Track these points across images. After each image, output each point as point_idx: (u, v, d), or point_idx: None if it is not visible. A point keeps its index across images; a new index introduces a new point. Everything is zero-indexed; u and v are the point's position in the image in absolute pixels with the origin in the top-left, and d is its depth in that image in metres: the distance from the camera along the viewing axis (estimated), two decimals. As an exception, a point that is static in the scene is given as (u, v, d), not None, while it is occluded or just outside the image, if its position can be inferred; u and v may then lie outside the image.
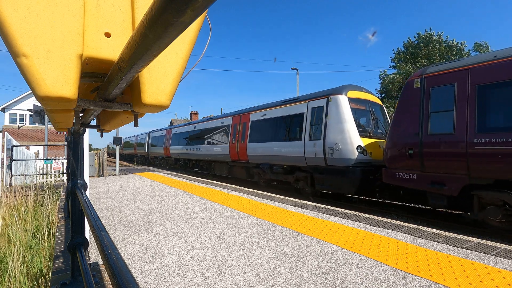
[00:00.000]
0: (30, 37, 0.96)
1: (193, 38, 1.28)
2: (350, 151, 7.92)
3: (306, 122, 9.46)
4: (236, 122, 13.36)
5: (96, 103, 1.37)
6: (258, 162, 11.40)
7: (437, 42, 26.13)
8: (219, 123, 14.91)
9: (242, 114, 13.07)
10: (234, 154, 12.93)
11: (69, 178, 2.47)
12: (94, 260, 3.19)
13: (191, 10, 0.48)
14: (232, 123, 13.64)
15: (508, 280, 2.58)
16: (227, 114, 14.96)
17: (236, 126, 13.20)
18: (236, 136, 12.90)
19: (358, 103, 8.90)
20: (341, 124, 8.28)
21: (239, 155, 12.51)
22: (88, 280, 1.52)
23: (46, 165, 12.54)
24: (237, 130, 13.03)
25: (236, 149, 12.72)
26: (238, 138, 12.73)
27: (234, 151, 12.90)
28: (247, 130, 12.23)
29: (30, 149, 19.17)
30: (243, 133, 12.47)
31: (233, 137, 13.15)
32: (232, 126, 13.57)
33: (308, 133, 9.27)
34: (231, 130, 13.54)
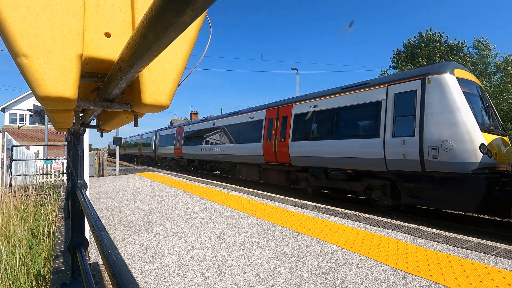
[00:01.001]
0: (30, 37, 0.96)
1: (193, 38, 1.28)
2: (469, 152, 5.82)
3: (385, 113, 7.12)
4: (271, 116, 11.06)
5: (96, 103, 1.37)
6: (306, 165, 9.28)
7: (438, 42, 26.12)
8: (248, 118, 12.52)
9: (281, 107, 10.74)
10: (269, 155, 10.78)
11: (69, 178, 2.47)
12: (94, 260, 3.18)
13: (191, 10, 0.48)
14: (266, 118, 11.33)
15: (508, 280, 2.58)
16: (258, 107, 12.47)
17: (272, 121, 10.90)
18: (273, 133, 10.65)
19: (468, 86, 6.65)
20: (451, 114, 6.07)
21: (277, 156, 10.36)
22: (88, 280, 1.52)
23: (46, 165, 12.53)
24: (273, 126, 10.79)
25: (273, 149, 10.56)
26: (275, 136, 10.53)
27: (269, 151, 10.75)
28: (289, 125, 10.04)
29: (30, 149, 19.18)
30: (282, 130, 10.27)
31: (268, 135, 10.90)
32: (266, 121, 11.27)
33: (390, 127, 6.95)
34: (265, 126, 11.24)
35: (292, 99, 10.70)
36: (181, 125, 20.58)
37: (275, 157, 10.52)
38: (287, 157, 9.93)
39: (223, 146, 14.08)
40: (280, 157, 10.28)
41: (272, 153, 10.68)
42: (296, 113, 9.97)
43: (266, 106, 11.93)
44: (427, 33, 27.47)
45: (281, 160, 10.31)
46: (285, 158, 10.03)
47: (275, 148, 10.48)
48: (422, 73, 6.82)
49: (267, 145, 10.94)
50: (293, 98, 10.78)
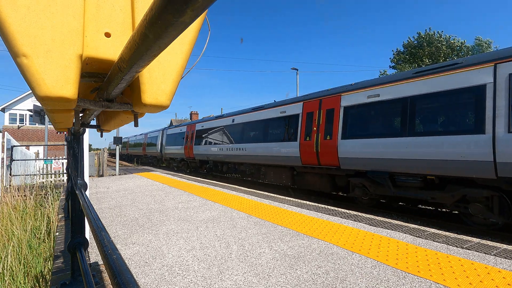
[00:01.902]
0: (30, 37, 0.96)
1: (193, 38, 1.28)
2: None
3: (494, 101, 5.46)
4: (311, 110, 9.33)
5: (96, 103, 1.37)
6: (362, 169, 7.64)
7: (439, 42, 26.15)
8: (277, 113, 10.82)
9: (324, 98, 8.98)
10: (308, 156, 9.10)
11: (69, 178, 2.47)
12: (94, 260, 3.18)
13: (191, 10, 0.48)
14: (303, 112, 9.62)
15: (508, 280, 2.58)
16: (291, 99, 10.72)
17: (312, 116, 9.20)
18: (314, 130, 8.98)
19: None
20: None
21: (320, 157, 8.69)
22: (88, 280, 1.52)
23: (46, 165, 12.54)
24: (314, 121, 9.10)
25: (314, 148, 8.89)
26: (317, 133, 8.88)
27: (309, 151, 9.08)
28: (336, 120, 8.37)
29: (30, 149, 19.18)
30: (327, 126, 8.61)
31: (307, 132, 9.24)
32: (303, 116, 9.57)
33: (503, 120, 5.29)
34: (302, 122, 9.53)
35: (340, 88, 8.78)
36: (192, 123, 18.70)
37: (317, 159, 8.81)
38: (335, 159, 8.22)
39: (245, 146, 12.26)
40: (325, 158, 8.55)
41: (312, 153, 8.95)
42: (347, 105, 8.14)
43: (302, 98, 10.03)
44: (426, 33, 27.50)
45: (325, 162, 8.58)
46: (332, 160, 8.34)
47: (317, 147, 8.78)
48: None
49: (306, 145, 9.22)
50: (341, 87, 8.83)
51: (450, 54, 25.66)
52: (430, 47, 26.41)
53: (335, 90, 8.92)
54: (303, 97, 10.15)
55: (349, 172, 8.08)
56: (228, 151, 13.63)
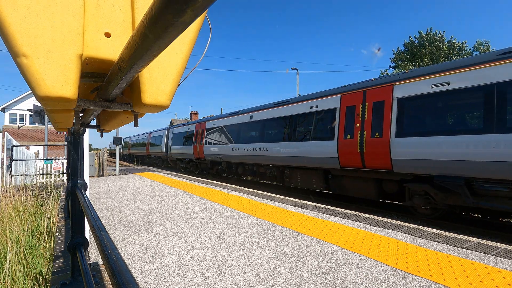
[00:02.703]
0: (30, 37, 0.96)
1: (193, 38, 1.28)
2: None
3: None
4: (352, 103, 8.10)
5: (96, 103, 1.37)
6: (426, 173, 6.35)
7: (440, 42, 26.17)
8: (307, 108, 9.59)
9: (370, 89, 7.65)
10: (350, 157, 7.89)
11: (69, 178, 2.47)
12: (94, 260, 3.19)
13: (191, 10, 0.48)
14: (341, 106, 8.38)
15: (508, 280, 2.58)
16: (325, 92, 9.39)
17: (354, 110, 7.98)
18: (356, 126, 7.78)
19: None
20: None
21: (366, 159, 7.46)
22: (88, 280, 1.52)
23: (46, 165, 12.54)
24: (356, 116, 7.87)
25: (357, 148, 7.64)
26: (361, 131, 7.63)
27: (350, 152, 7.85)
28: (388, 115, 7.04)
29: (30, 149, 19.19)
30: (375, 121, 7.32)
31: (348, 129, 8.03)
32: (342, 110, 8.33)
33: None
34: (340, 118, 8.33)
35: (390, 77, 7.56)
36: (202, 120, 17.24)
37: (361, 160, 7.56)
38: (386, 161, 6.97)
39: (266, 146, 11.00)
40: (372, 160, 7.32)
41: (354, 154, 7.72)
42: (403, 97, 6.87)
43: (340, 90, 8.74)
44: (427, 33, 27.53)
45: (372, 165, 7.35)
46: (382, 162, 7.07)
47: (362, 147, 7.53)
48: None
49: (346, 144, 7.98)
50: (392, 75, 7.68)
51: (451, 53, 25.68)
52: (431, 46, 26.43)
53: (384, 79, 7.60)
54: (340, 89, 8.85)
55: (405, 177, 6.80)
56: (245, 151, 12.29)
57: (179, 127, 20.69)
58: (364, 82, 8.28)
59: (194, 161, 18.00)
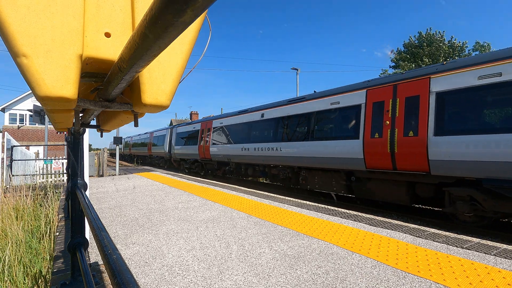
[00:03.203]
0: (30, 37, 0.96)
1: (193, 38, 1.28)
2: None
3: None
4: (380, 99, 7.34)
5: (96, 103, 1.37)
6: (470, 176, 5.77)
7: (440, 42, 26.18)
8: (326, 104, 8.90)
9: (401, 83, 6.99)
10: (378, 157, 7.19)
11: (69, 178, 2.47)
12: (94, 260, 3.18)
13: (191, 10, 0.48)
14: (367, 102, 7.65)
15: (508, 280, 2.58)
16: (346, 87, 8.65)
17: (382, 106, 7.23)
18: (386, 124, 7.05)
19: None
20: None
21: (397, 159, 6.78)
22: (88, 280, 1.52)
23: (46, 165, 12.54)
24: (385, 113, 7.14)
25: (387, 148, 6.97)
26: (391, 129, 6.93)
27: (379, 152, 7.17)
28: (424, 110, 6.41)
29: (30, 149, 19.19)
30: (409, 118, 6.65)
31: (375, 127, 7.33)
32: (367, 107, 7.62)
33: None
34: (366, 115, 7.61)
35: (427, 69, 6.78)
36: (208, 119, 16.52)
37: (392, 162, 6.88)
38: (422, 162, 6.34)
39: (280, 145, 10.36)
40: (404, 161, 6.65)
41: (383, 155, 7.04)
42: (443, 91, 6.21)
43: (365, 84, 8.00)
44: (427, 33, 27.53)
45: (405, 166, 6.66)
46: (417, 163, 6.43)
47: (393, 147, 6.85)
48: None
49: (373, 143, 7.29)
50: (428, 67, 6.85)
51: (451, 54, 25.68)
52: (431, 46, 26.44)
53: (418, 72, 6.87)
54: (365, 83, 8.10)
55: (446, 180, 6.14)
56: (256, 151, 11.59)
57: (183, 126, 19.88)
58: (393, 75, 7.62)
59: (199, 162, 17.30)
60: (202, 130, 16.58)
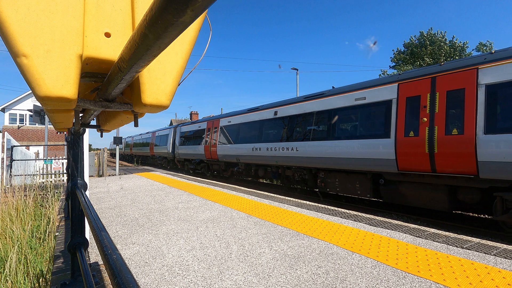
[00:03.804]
0: (30, 37, 0.96)
1: (193, 38, 1.28)
2: None
3: None
4: (415, 93, 6.64)
5: (96, 103, 1.37)
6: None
7: (441, 42, 26.17)
8: (350, 100, 8.20)
9: (441, 75, 6.31)
10: (413, 158, 6.49)
11: (69, 178, 2.47)
12: (94, 260, 3.19)
13: (191, 10, 0.48)
14: (399, 97, 6.94)
15: (508, 280, 2.58)
16: (373, 81, 7.94)
17: (419, 101, 6.54)
18: (423, 121, 6.42)
19: None
20: None
21: (437, 160, 6.11)
22: (88, 280, 1.52)
23: (46, 165, 12.54)
24: (423, 109, 6.46)
25: (425, 148, 6.29)
26: (430, 126, 6.28)
27: (414, 152, 6.45)
28: (472, 105, 5.80)
29: (30, 149, 19.19)
30: (452, 114, 6.07)
31: (409, 124, 6.64)
32: (401, 102, 6.88)
33: None
34: (398, 111, 6.89)
35: (473, 59, 6.08)
36: (215, 118, 15.80)
37: (431, 163, 6.21)
38: (469, 164, 5.68)
39: (296, 145, 9.70)
40: (446, 162, 5.97)
41: (421, 155, 6.35)
42: (495, 83, 5.52)
43: (396, 78, 7.27)
44: (428, 32, 27.53)
45: (447, 168, 5.99)
46: (462, 165, 5.78)
47: (432, 147, 6.19)
48: None
49: (408, 143, 6.61)
50: (474, 57, 6.15)
51: (452, 53, 25.67)
52: (432, 46, 26.43)
53: (462, 62, 6.15)
54: (395, 76, 7.38)
55: (498, 184, 5.43)
56: (269, 151, 10.90)
57: (188, 125, 19.12)
58: (429, 67, 6.83)
59: (205, 162, 16.56)
60: (209, 129, 15.90)
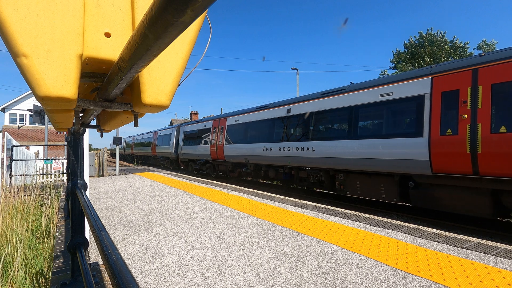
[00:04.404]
0: (30, 37, 0.96)
1: (193, 38, 1.28)
2: None
3: None
4: (453, 87, 6.08)
5: (96, 103, 1.37)
6: None
7: (442, 42, 26.16)
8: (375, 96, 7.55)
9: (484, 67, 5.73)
10: (450, 159, 5.92)
11: (69, 178, 2.47)
12: (94, 260, 3.18)
13: (191, 10, 0.48)
14: (433, 91, 6.36)
15: (508, 280, 2.58)
16: (401, 75, 7.36)
17: (458, 96, 5.99)
18: (462, 118, 5.85)
19: None
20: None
21: (480, 162, 5.55)
22: (88, 280, 1.52)
23: (46, 165, 12.54)
24: (463, 104, 5.91)
25: (465, 147, 5.72)
26: (471, 123, 5.71)
27: (452, 152, 5.90)
28: None
29: (30, 149, 19.18)
30: (498, 110, 5.53)
31: (447, 122, 6.06)
32: (435, 97, 6.30)
33: None
34: (432, 107, 6.32)
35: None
36: (222, 116, 15.15)
37: (473, 164, 5.58)
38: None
39: (312, 145, 9.10)
40: (492, 163, 5.38)
41: (461, 155, 5.73)
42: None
43: (427, 71, 6.62)
44: (427, 33, 27.53)
45: (493, 171, 5.39)
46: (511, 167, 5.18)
47: (474, 146, 5.56)
48: None
49: (444, 142, 5.98)
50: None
51: (453, 53, 25.67)
52: (432, 46, 26.42)
53: (509, 52, 5.51)
54: (426, 69, 6.70)
55: None
56: (281, 151, 10.33)
57: (192, 124, 18.42)
58: (467, 59, 6.17)
59: (210, 163, 15.91)
60: (214, 128, 15.21)
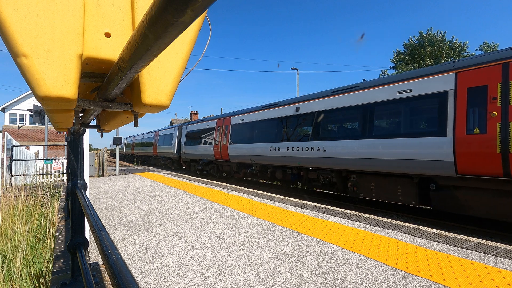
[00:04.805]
0: (30, 37, 0.96)
1: (193, 38, 1.28)
2: None
3: None
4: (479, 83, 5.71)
5: (96, 103, 1.37)
6: None
7: (441, 42, 26.18)
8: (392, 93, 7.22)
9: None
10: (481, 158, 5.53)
11: (69, 178, 2.47)
12: (94, 260, 3.18)
13: (191, 10, 0.48)
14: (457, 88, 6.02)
15: (508, 280, 2.58)
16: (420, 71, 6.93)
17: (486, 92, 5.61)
18: (491, 115, 5.49)
19: None
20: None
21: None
22: (88, 280, 1.52)
23: (46, 165, 12.54)
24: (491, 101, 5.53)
25: (495, 147, 5.36)
26: (502, 121, 5.33)
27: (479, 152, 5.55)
28: None
29: (30, 149, 19.19)
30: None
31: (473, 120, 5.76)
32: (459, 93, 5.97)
33: None
34: (456, 104, 6.00)
35: None
36: (226, 115, 14.77)
37: (503, 165, 5.25)
38: None
39: (324, 144, 8.70)
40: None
41: (490, 156, 5.38)
42: None
43: (451, 66, 6.26)
44: (427, 33, 27.54)
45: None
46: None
47: (506, 146, 5.23)
48: None
49: (471, 141, 5.63)
50: None
51: (452, 54, 25.68)
52: (432, 46, 26.43)
53: None
54: (449, 64, 6.31)
55: None
56: (290, 151, 10.00)
57: (195, 124, 17.96)
58: (494, 53, 5.74)
59: (214, 163, 15.51)
60: (218, 127, 14.83)
